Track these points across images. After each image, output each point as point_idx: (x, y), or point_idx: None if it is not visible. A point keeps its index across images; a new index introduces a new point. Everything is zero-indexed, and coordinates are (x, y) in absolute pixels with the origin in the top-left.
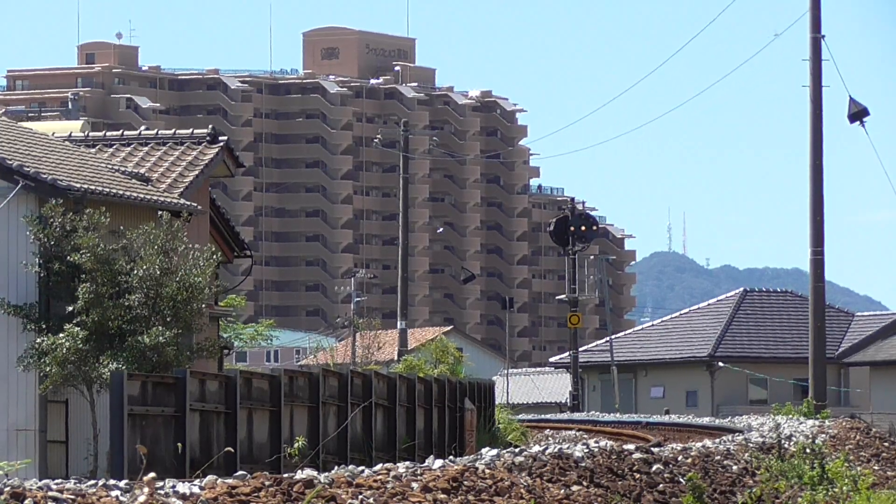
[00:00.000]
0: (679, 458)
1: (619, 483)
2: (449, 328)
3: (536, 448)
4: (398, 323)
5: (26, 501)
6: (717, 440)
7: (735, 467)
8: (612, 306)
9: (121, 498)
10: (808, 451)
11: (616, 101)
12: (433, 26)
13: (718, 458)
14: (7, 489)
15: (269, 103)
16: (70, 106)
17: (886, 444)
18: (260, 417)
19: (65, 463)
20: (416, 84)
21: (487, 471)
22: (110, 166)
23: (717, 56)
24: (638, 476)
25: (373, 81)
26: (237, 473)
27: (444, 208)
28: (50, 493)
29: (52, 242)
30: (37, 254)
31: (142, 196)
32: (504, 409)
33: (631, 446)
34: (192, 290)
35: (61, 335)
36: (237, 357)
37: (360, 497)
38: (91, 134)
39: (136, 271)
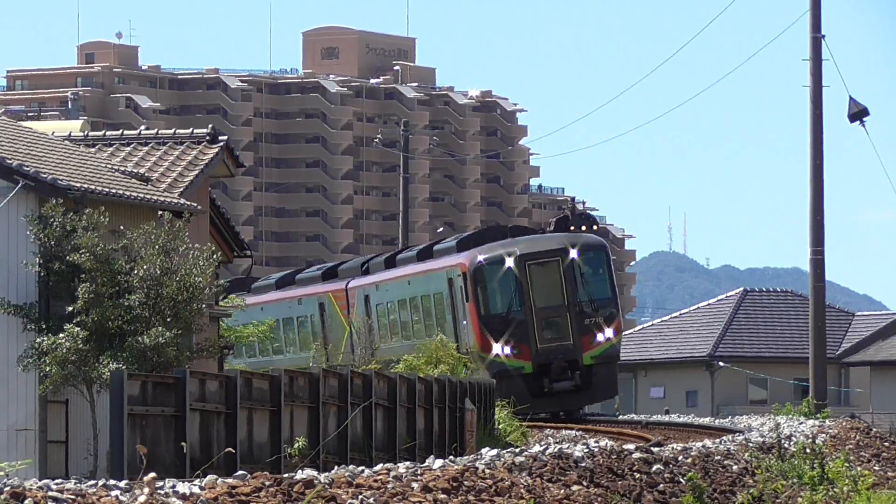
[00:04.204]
0: (679, 458)
1: (619, 483)
2: None
3: (536, 448)
4: None
5: (26, 501)
6: (717, 440)
7: (735, 467)
8: None
9: (121, 498)
10: (808, 451)
11: (616, 101)
12: (433, 26)
13: (718, 458)
14: (7, 489)
15: (269, 103)
16: (70, 106)
17: (887, 444)
18: (260, 417)
19: (65, 463)
20: (416, 84)
21: (487, 471)
22: (110, 166)
23: (717, 56)
24: (638, 476)
25: (373, 81)
26: (237, 473)
27: (444, 208)
28: (50, 493)
29: (53, 242)
30: (37, 253)
31: (142, 196)
32: (504, 409)
33: (631, 446)
34: (192, 290)
35: (61, 335)
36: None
37: (361, 497)
38: (91, 134)
39: (136, 271)
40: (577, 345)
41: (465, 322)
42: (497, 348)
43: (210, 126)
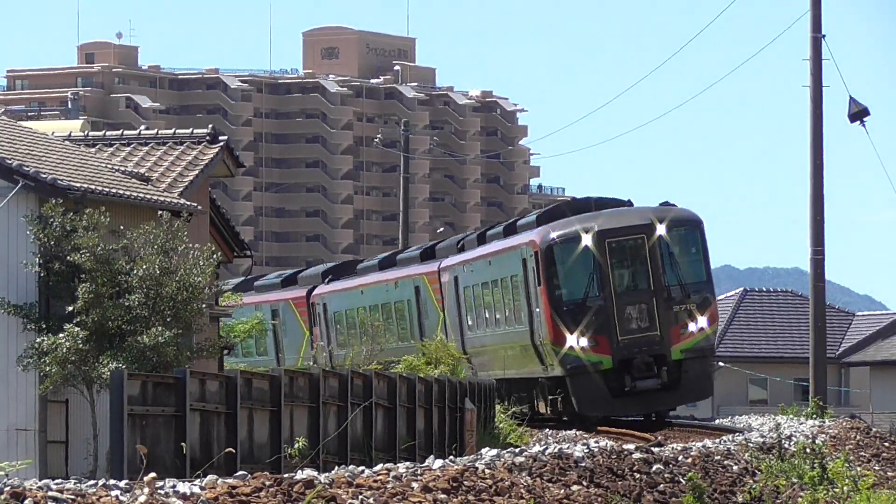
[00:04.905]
0: (679, 458)
1: (619, 483)
2: None
3: (536, 448)
4: None
5: (26, 501)
6: (718, 440)
7: (735, 467)
8: None
9: (121, 498)
10: (808, 451)
11: (616, 101)
12: (433, 26)
13: (718, 458)
14: (7, 489)
15: (269, 103)
16: (70, 106)
17: (887, 444)
18: (260, 417)
19: (65, 463)
20: (416, 84)
21: (487, 471)
22: (110, 166)
23: (717, 56)
24: (638, 476)
25: (373, 81)
26: (237, 473)
27: (444, 208)
28: (50, 493)
29: (52, 242)
30: (37, 254)
31: (142, 196)
32: (504, 409)
33: (631, 446)
34: (192, 290)
35: (61, 335)
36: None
37: (361, 497)
38: (91, 134)
39: (135, 271)
40: (665, 336)
41: (537, 309)
42: (572, 340)
43: (210, 126)
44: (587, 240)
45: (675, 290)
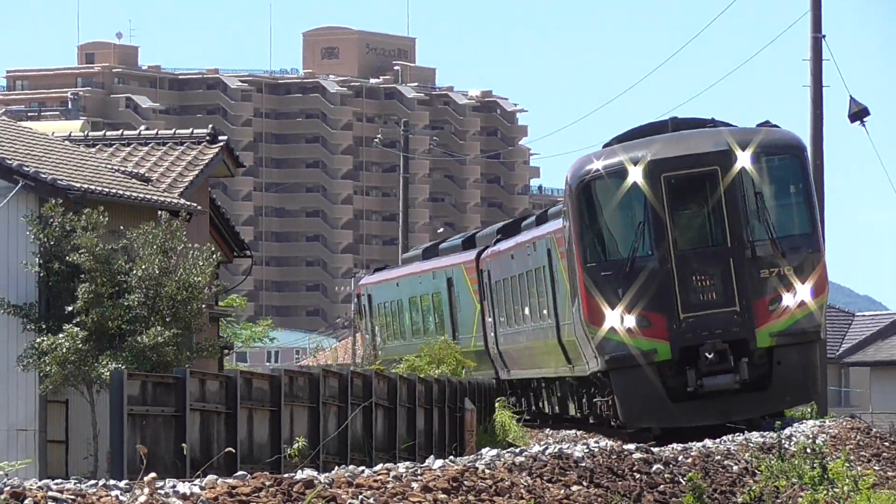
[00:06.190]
0: (679, 458)
1: (619, 483)
2: None
3: (536, 448)
4: None
5: (26, 501)
6: (718, 440)
7: (735, 467)
8: None
9: (121, 498)
10: (808, 451)
11: (616, 101)
12: (433, 26)
13: (719, 458)
14: (7, 489)
15: (269, 103)
16: (70, 106)
17: (887, 444)
18: (260, 417)
19: (65, 463)
20: (416, 84)
21: (487, 471)
22: (110, 166)
23: (717, 56)
24: (638, 476)
25: (373, 81)
26: (237, 473)
27: (444, 208)
28: (50, 493)
29: (52, 242)
30: (37, 254)
31: (142, 196)
32: (505, 409)
33: (631, 446)
34: (191, 289)
35: (61, 335)
36: (238, 357)
37: (361, 497)
38: (91, 134)
39: (135, 271)
40: (748, 313)
41: (576, 277)
42: (613, 318)
43: (210, 126)
44: (635, 174)
45: (764, 246)
